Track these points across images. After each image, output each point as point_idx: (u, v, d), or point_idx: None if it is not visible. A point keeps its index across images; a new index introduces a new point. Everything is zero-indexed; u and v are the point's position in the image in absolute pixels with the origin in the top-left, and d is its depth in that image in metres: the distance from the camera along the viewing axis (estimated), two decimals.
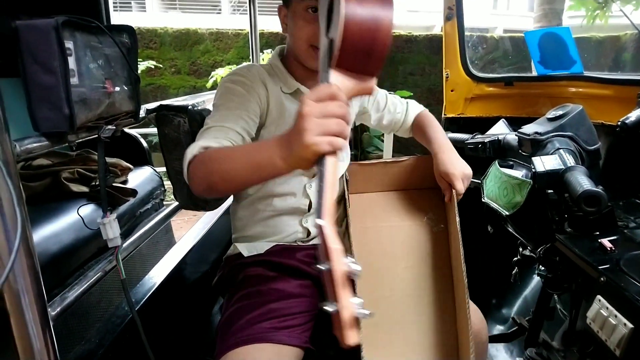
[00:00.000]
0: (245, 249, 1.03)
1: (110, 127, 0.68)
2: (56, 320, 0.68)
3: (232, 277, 1.02)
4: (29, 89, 0.55)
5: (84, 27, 0.59)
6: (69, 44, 0.56)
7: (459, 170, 0.96)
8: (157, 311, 1.00)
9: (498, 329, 1.67)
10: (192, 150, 0.77)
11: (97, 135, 0.68)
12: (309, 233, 1.06)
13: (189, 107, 1.00)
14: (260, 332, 0.82)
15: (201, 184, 0.76)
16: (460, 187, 0.95)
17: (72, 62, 0.57)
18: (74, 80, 0.57)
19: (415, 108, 1.21)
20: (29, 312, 0.51)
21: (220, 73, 4.39)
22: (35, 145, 0.57)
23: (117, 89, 0.67)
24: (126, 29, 0.70)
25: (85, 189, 1.48)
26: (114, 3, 9.58)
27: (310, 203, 1.04)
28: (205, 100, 1.12)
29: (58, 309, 0.67)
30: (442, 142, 1.04)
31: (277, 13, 0.99)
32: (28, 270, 0.51)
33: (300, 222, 1.05)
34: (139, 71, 3.11)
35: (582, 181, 0.83)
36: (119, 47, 0.65)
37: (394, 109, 1.19)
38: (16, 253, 0.46)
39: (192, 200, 1.07)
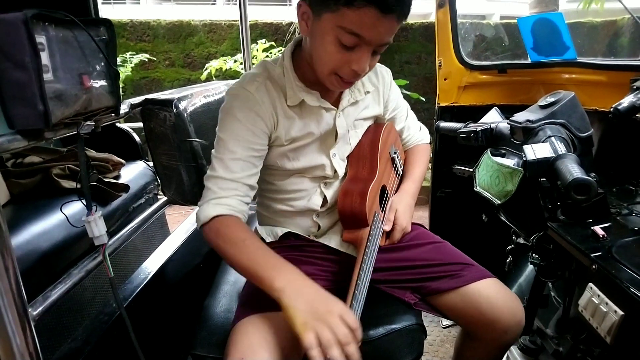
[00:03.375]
0: (265, 233, 1.07)
1: (89, 123, 0.66)
2: (42, 319, 0.68)
3: None
4: (1, 85, 0.53)
5: (58, 20, 0.58)
6: (40, 39, 0.54)
7: (403, 223, 1.05)
8: (147, 306, 1.00)
9: None
10: (205, 213, 0.87)
11: (76, 132, 0.66)
12: (319, 227, 1.07)
13: (175, 100, 0.98)
14: (269, 302, 0.84)
15: (213, 247, 0.88)
16: (397, 238, 1.04)
17: (45, 57, 0.55)
18: (47, 76, 0.56)
19: (425, 137, 1.28)
20: (8, 313, 0.50)
21: (214, 65, 4.35)
22: (10, 143, 0.56)
23: (95, 84, 0.65)
24: (103, 22, 0.68)
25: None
26: None
27: (324, 201, 1.05)
28: (192, 93, 1.10)
29: (40, 309, 0.66)
30: (412, 185, 1.15)
31: (296, 8, 0.87)
32: (6, 271, 0.51)
33: (312, 218, 1.06)
34: (133, 64, 3.06)
35: (573, 169, 0.82)
36: (95, 41, 0.64)
37: (408, 128, 1.25)
38: None
39: (180, 195, 1.06)
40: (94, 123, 0.68)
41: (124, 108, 0.81)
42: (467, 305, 0.96)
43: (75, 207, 1.22)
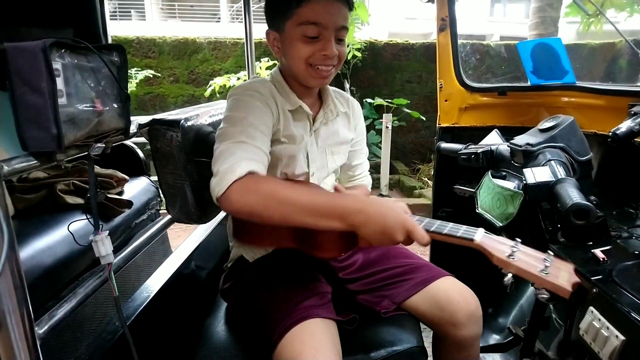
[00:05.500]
0: (250, 254, 1.09)
1: (99, 145, 0.68)
2: (46, 337, 0.68)
3: (243, 282, 1.07)
4: (17, 109, 0.55)
5: (73, 47, 0.60)
6: (57, 65, 0.56)
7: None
8: (150, 325, 1.00)
9: (494, 338, 1.66)
10: (236, 170, 0.79)
11: (86, 153, 0.68)
12: None
13: (182, 121, 1.00)
14: (307, 311, 0.90)
15: (246, 210, 0.79)
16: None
17: (60, 82, 0.57)
18: (62, 100, 0.58)
19: (370, 183, 1.31)
20: (14, 332, 0.51)
21: (218, 82, 4.41)
22: (23, 164, 0.57)
23: (107, 107, 0.67)
24: (116, 48, 0.71)
25: (80, 200, 1.48)
26: (112, 12, 9.64)
27: None
28: (199, 113, 1.12)
29: (46, 327, 0.67)
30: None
31: (266, 38, 1.02)
32: (15, 290, 0.51)
33: None
34: (138, 80, 3.11)
35: (572, 194, 0.83)
36: (108, 67, 0.66)
37: (358, 168, 1.27)
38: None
39: (185, 214, 1.07)
40: (104, 145, 0.70)
41: (132, 128, 0.83)
42: (430, 304, 1.03)
43: (79, 224, 1.23)
